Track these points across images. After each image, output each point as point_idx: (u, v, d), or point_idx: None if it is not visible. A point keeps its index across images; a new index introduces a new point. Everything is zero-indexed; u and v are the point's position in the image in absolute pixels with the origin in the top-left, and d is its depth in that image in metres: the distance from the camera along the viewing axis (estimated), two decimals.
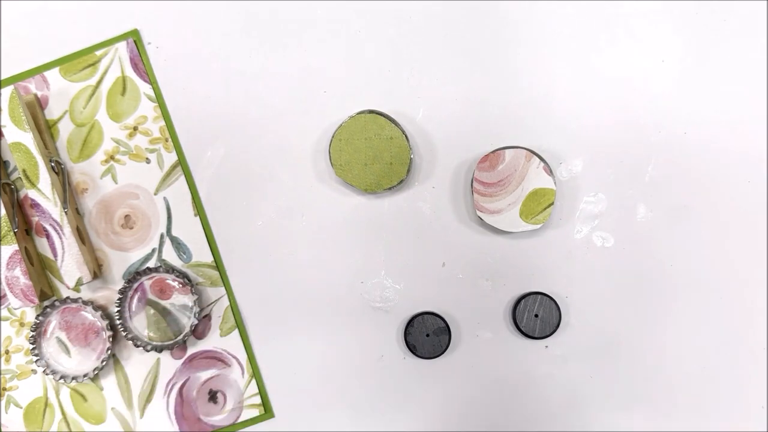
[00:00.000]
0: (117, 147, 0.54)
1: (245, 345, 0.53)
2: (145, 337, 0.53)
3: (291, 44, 0.54)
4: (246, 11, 0.54)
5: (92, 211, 0.54)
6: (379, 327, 0.54)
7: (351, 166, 0.52)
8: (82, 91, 0.54)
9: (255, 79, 0.54)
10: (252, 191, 0.54)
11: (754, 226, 0.53)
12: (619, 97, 0.53)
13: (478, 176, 0.51)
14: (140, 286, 0.53)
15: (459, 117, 0.53)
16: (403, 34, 0.53)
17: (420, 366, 0.53)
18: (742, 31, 0.53)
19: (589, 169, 0.53)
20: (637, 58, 0.53)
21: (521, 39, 0.53)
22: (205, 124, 0.54)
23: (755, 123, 0.53)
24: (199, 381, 0.53)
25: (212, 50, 0.54)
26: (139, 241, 0.54)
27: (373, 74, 0.53)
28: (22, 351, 0.54)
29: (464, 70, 0.53)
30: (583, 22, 0.53)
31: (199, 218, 0.54)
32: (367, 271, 0.54)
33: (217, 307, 0.54)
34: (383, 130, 0.51)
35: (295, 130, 0.54)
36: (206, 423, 0.53)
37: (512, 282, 0.53)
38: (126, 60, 0.53)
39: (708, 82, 0.53)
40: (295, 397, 0.53)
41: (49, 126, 0.54)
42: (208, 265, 0.53)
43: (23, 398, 0.53)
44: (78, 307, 0.53)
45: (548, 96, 0.53)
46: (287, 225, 0.54)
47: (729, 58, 0.53)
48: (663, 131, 0.53)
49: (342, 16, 0.53)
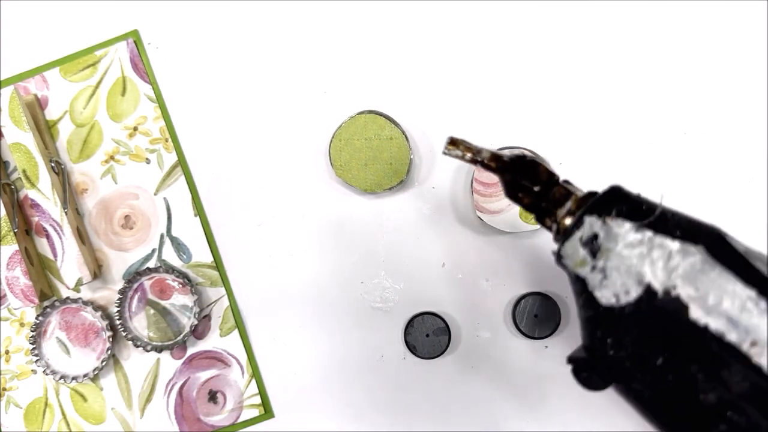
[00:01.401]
0: (117, 147, 0.54)
1: (245, 345, 0.53)
2: (145, 338, 0.53)
3: (291, 44, 0.54)
4: (246, 11, 0.54)
5: (92, 212, 0.54)
6: (379, 327, 0.54)
7: (351, 167, 0.52)
8: (82, 91, 0.54)
9: (255, 79, 0.54)
10: (252, 191, 0.54)
11: (754, 226, 0.53)
12: (620, 96, 0.53)
13: (478, 177, 0.51)
14: (140, 286, 0.53)
15: (460, 117, 0.53)
16: (403, 33, 0.53)
17: (420, 366, 0.53)
18: (742, 31, 0.53)
19: (590, 169, 0.53)
20: (637, 57, 0.53)
21: (522, 38, 0.53)
22: (204, 124, 0.54)
23: (755, 123, 0.53)
24: (199, 381, 0.53)
25: (212, 50, 0.54)
26: (139, 242, 0.54)
27: (373, 74, 0.53)
28: (22, 351, 0.54)
29: (464, 70, 0.53)
30: (583, 22, 0.53)
31: (199, 218, 0.54)
32: (367, 271, 0.54)
33: (217, 308, 0.54)
34: (383, 130, 0.51)
35: (294, 130, 0.54)
36: (206, 423, 0.53)
37: (512, 282, 0.53)
38: (126, 60, 0.53)
39: (708, 81, 0.53)
40: (295, 397, 0.53)
41: (49, 126, 0.54)
42: (207, 265, 0.54)
43: (23, 398, 0.54)
44: (78, 308, 0.53)
45: (549, 95, 0.53)
46: (287, 225, 0.54)
47: (729, 57, 0.53)
48: (663, 131, 0.53)
49: (342, 16, 0.53)
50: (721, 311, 0.26)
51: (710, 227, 0.29)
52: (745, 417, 0.25)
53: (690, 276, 0.27)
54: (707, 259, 0.27)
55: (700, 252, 0.28)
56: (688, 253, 0.28)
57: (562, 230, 0.33)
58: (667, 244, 0.28)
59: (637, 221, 0.30)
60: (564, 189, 0.34)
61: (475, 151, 0.36)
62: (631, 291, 0.29)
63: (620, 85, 0.53)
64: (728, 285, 0.26)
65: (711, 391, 0.26)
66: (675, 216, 0.30)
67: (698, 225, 0.29)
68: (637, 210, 0.30)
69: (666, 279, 0.28)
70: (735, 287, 0.26)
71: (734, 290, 0.26)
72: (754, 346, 0.25)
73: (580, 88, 0.53)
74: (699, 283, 0.27)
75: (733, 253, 0.28)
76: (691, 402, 0.27)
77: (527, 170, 0.34)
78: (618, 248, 0.29)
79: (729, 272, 0.27)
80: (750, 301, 0.26)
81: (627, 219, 0.30)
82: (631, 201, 0.31)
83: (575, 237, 0.31)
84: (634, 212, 0.30)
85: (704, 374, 0.26)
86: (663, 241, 0.28)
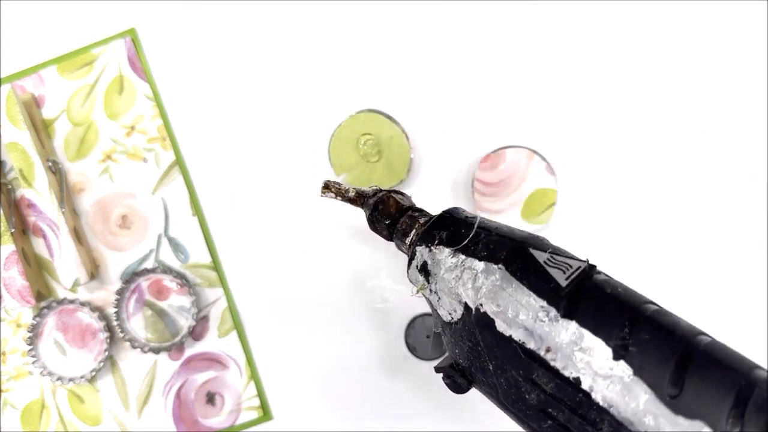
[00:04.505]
0: (114, 146, 0.53)
1: (243, 346, 0.53)
2: (142, 339, 0.53)
3: (290, 42, 0.53)
4: (244, 9, 0.53)
5: (89, 211, 0.53)
6: (380, 328, 0.53)
7: (351, 166, 0.51)
8: (79, 90, 0.53)
9: (253, 78, 0.53)
10: (250, 191, 0.53)
11: (754, 226, 0.52)
12: (621, 96, 0.52)
13: (479, 176, 0.51)
14: (138, 287, 0.53)
15: (460, 116, 0.53)
16: (403, 32, 0.53)
17: (420, 367, 0.53)
18: (743, 30, 0.52)
19: (591, 168, 0.53)
20: (638, 57, 0.52)
21: (522, 38, 0.53)
22: (202, 122, 0.53)
23: (755, 123, 0.52)
24: (196, 383, 0.53)
25: (210, 49, 0.53)
26: (137, 242, 0.53)
27: (372, 73, 0.53)
28: (18, 352, 0.53)
29: (465, 69, 0.53)
30: (583, 22, 0.53)
31: (197, 218, 0.53)
32: (367, 272, 0.53)
33: (215, 309, 0.53)
34: (383, 129, 0.51)
35: (294, 129, 0.53)
36: (204, 425, 0.53)
37: None
38: (123, 59, 0.53)
39: (709, 81, 0.52)
40: (294, 399, 0.53)
41: (46, 125, 0.53)
42: (205, 265, 0.53)
43: (20, 400, 0.53)
44: (75, 308, 0.53)
45: (550, 95, 0.53)
46: (286, 225, 0.53)
47: (729, 57, 0.52)
48: (663, 131, 0.52)
49: (341, 15, 0.53)
50: (518, 323, 0.29)
51: (517, 241, 0.31)
52: (561, 412, 0.28)
53: (492, 293, 0.30)
54: (506, 275, 0.30)
55: (500, 270, 0.30)
56: (489, 272, 0.31)
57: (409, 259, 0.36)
58: (475, 266, 0.31)
59: (455, 246, 0.33)
60: (409, 219, 0.37)
61: (344, 191, 0.39)
62: (456, 309, 0.32)
63: (621, 85, 0.52)
64: (523, 298, 0.29)
65: (532, 392, 0.29)
66: (488, 236, 0.33)
67: (505, 241, 0.32)
68: (458, 234, 0.33)
69: (475, 297, 0.31)
70: (529, 299, 0.29)
71: (528, 302, 0.29)
72: (548, 352, 0.28)
73: (579, 86, 0.53)
74: (500, 299, 0.30)
75: (533, 265, 0.30)
76: (521, 401, 0.29)
77: (378, 205, 0.38)
78: (441, 273, 0.33)
79: (523, 286, 0.30)
80: (542, 311, 0.29)
81: (447, 245, 0.33)
82: (454, 226, 0.34)
83: (413, 265, 0.35)
84: (454, 238, 0.33)
85: (522, 378, 0.29)
86: (472, 263, 0.32)
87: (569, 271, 0.30)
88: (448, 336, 0.34)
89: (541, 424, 0.29)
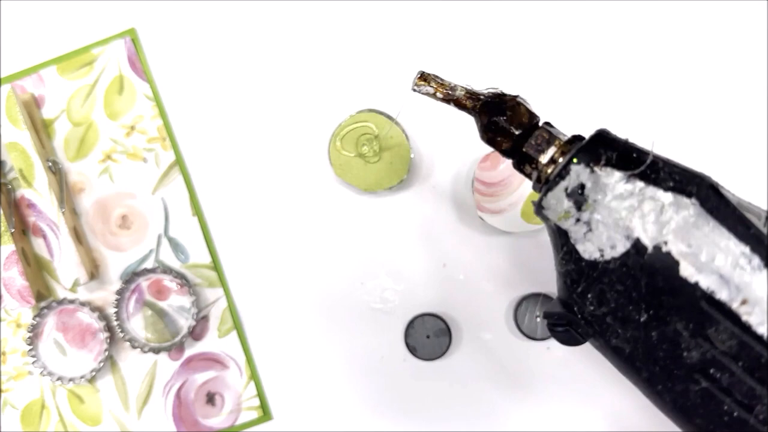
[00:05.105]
0: (114, 146, 0.53)
1: (243, 346, 0.53)
2: (142, 339, 0.53)
3: (289, 42, 0.53)
4: (244, 9, 0.53)
5: (89, 211, 0.53)
6: (379, 328, 0.53)
7: (351, 166, 0.51)
8: (79, 90, 0.53)
9: (253, 77, 0.53)
10: (250, 191, 0.53)
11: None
12: (621, 96, 0.52)
13: (479, 176, 0.51)
14: (137, 287, 0.53)
15: (460, 116, 0.53)
16: (403, 31, 0.53)
17: (420, 367, 0.53)
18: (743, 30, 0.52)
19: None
20: (638, 56, 0.52)
21: (522, 38, 0.53)
22: (202, 122, 0.53)
23: (755, 123, 0.52)
24: (196, 383, 0.53)
25: (210, 49, 0.53)
26: (137, 242, 0.53)
27: (373, 72, 0.53)
28: (18, 352, 0.53)
29: (465, 69, 0.53)
30: (583, 21, 0.53)
31: (197, 218, 0.53)
32: (367, 272, 0.53)
33: (215, 309, 0.53)
34: (383, 129, 0.51)
35: (294, 129, 0.53)
36: (204, 425, 0.53)
37: (513, 283, 0.53)
38: (123, 59, 0.53)
39: (709, 81, 0.52)
40: (294, 399, 0.53)
41: (46, 125, 0.53)
42: (206, 265, 0.53)
43: (20, 400, 0.53)
44: (75, 309, 0.53)
45: (550, 95, 0.52)
46: (286, 225, 0.53)
47: (729, 57, 0.52)
48: (663, 130, 0.52)
49: (341, 14, 0.53)
50: (713, 268, 0.25)
51: (703, 177, 0.28)
52: (728, 374, 0.25)
53: (683, 231, 0.26)
54: (701, 212, 0.26)
55: (693, 205, 0.26)
56: (681, 207, 0.26)
57: (544, 179, 0.31)
58: (660, 197, 0.27)
59: (628, 170, 0.28)
60: (547, 133, 0.32)
61: (448, 87, 0.34)
62: (617, 245, 0.27)
63: (622, 85, 0.53)
64: (722, 240, 0.25)
65: (695, 348, 0.26)
66: (667, 165, 0.28)
67: (691, 175, 0.28)
68: (627, 158, 0.29)
69: (657, 234, 0.26)
70: (728, 243, 0.25)
71: (727, 246, 0.25)
72: (744, 305, 0.24)
73: (578, 86, 0.53)
74: (692, 239, 0.26)
75: (727, 205, 0.26)
76: (673, 359, 0.26)
77: (507, 111, 0.32)
78: (606, 200, 0.28)
79: (722, 227, 0.26)
80: (743, 258, 0.25)
81: (616, 168, 0.28)
82: (620, 147, 0.29)
83: (560, 187, 0.29)
84: (623, 160, 0.28)
85: (690, 332, 0.26)
86: (655, 193, 0.27)
87: (763, 217, 0.27)
88: (579, 278, 0.29)
89: (687, 386, 0.26)
